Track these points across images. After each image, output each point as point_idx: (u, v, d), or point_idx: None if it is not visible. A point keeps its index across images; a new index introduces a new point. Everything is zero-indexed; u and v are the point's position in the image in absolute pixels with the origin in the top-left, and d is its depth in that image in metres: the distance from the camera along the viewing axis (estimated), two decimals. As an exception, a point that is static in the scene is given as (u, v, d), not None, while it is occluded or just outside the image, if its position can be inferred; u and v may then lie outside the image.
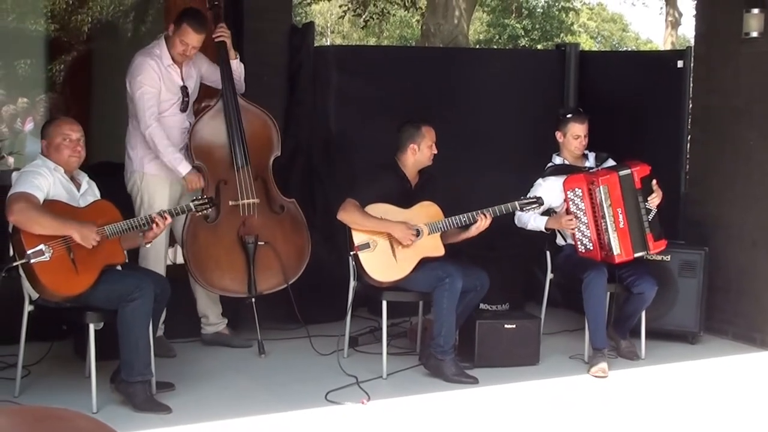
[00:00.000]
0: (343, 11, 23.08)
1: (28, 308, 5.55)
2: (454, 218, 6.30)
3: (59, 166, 5.55)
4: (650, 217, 6.64)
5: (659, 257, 7.09)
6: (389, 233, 6.21)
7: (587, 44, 33.52)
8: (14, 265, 5.29)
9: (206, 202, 5.87)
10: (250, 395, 5.91)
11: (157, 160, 6.48)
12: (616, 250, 6.56)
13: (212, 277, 6.62)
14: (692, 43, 8.11)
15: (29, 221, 5.23)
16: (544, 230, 6.79)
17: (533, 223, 6.75)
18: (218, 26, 6.67)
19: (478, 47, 26.41)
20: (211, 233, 6.59)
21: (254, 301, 6.62)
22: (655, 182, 6.66)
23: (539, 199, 6.42)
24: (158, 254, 6.53)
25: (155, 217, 5.61)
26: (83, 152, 5.66)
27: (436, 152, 6.47)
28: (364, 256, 6.21)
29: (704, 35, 7.77)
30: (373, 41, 30.39)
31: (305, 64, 7.82)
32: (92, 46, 10.30)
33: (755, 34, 7.18)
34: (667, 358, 6.89)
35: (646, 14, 79.75)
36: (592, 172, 6.76)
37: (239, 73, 6.70)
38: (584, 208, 6.63)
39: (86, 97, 9.71)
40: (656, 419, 5.71)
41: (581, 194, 6.63)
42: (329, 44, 29.50)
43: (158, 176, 6.53)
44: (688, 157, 7.84)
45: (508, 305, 7.74)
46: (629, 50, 32.71)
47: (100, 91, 9.64)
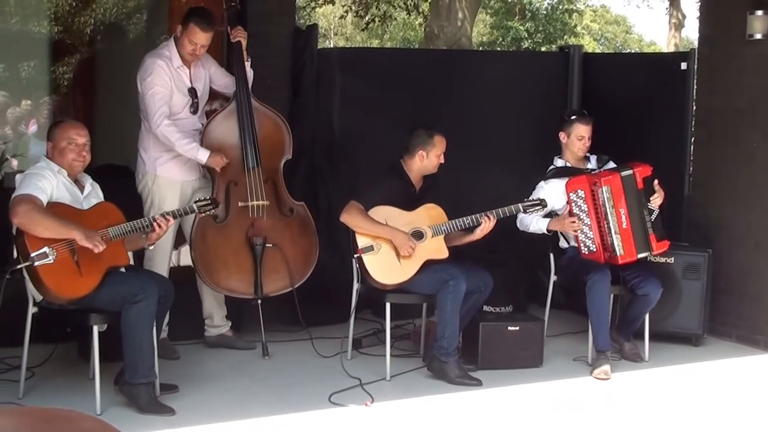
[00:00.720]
0: (344, 11, 23.10)
1: (32, 310, 5.55)
2: (457, 220, 6.31)
3: (63, 168, 5.55)
4: (653, 217, 6.64)
5: (663, 259, 7.09)
6: (390, 239, 6.21)
7: (591, 46, 33.48)
8: (18, 267, 5.28)
9: (209, 203, 5.89)
10: (253, 397, 5.92)
11: (169, 162, 6.51)
12: (619, 251, 6.56)
13: (219, 277, 6.63)
14: (696, 44, 8.10)
15: (33, 224, 5.23)
16: (546, 232, 6.79)
17: (535, 225, 6.75)
18: (236, 27, 6.69)
19: (481, 49, 26.40)
20: (219, 233, 6.60)
21: (260, 302, 6.62)
22: (656, 182, 6.66)
23: (543, 201, 6.42)
24: (163, 256, 6.54)
25: (157, 218, 5.62)
26: (88, 157, 5.66)
27: (443, 162, 6.47)
28: (367, 258, 6.21)
29: (708, 37, 7.77)
30: (376, 44, 30.39)
31: (309, 66, 7.82)
32: (96, 48, 10.29)
33: (759, 35, 7.19)
34: (670, 360, 6.89)
35: (649, 16, 79.83)
36: (594, 173, 6.77)
37: (249, 77, 6.71)
38: (587, 209, 6.63)
39: (90, 99, 9.71)
40: (660, 422, 5.71)
41: (584, 196, 6.64)
42: (332, 46, 29.51)
43: (170, 179, 6.55)
44: (691, 158, 7.84)
45: (511, 307, 7.73)
46: (633, 52, 32.71)
47: (103, 93, 9.63)
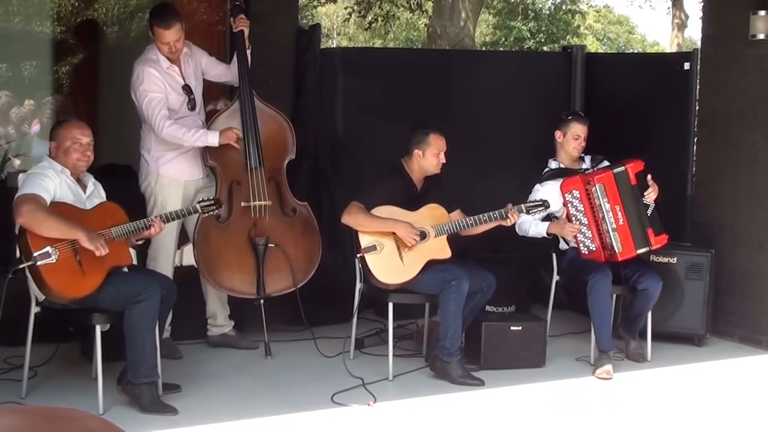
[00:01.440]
0: (348, 12, 23.08)
1: (34, 310, 5.56)
2: (460, 220, 6.31)
3: (66, 168, 5.55)
4: (649, 212, 6.66)
5: (665, 259, 7.10)
6: (394, 233, 6.21)
7: (593, 46, 33.46)
8: (21, 267, 5.29)
9: (212, 203, 5.90)
10: (256, 397, 5.92)
11: (171, 162, 6.51)
12: (618, 248, 6.57)
13: (221, 276, 6.63)
14: (699, 45, 8.10)
15: (38, 223, 5.24)
16: (546, 236, 6.79)
17: (534, 229, 6.75)
18: (238, 17, 6.69)
19: (484, 49, 26.39)
20: (222, 233, 6.60)
21: (262, 302, 6.62)
22: (650, 177, 6.67)
23: (545, 201, 6.42)
24: (167, 256, 6.55)
25: (154, 220, 5.61)
26: (92, 156, 5.67)
27: (444, 161, 6.46)
28: (370, 258, 6.21)
29: (711, 37, 7.76)
30: (379, 44, 30.39)
31: (311, 66, 7.82)
32: (98, 47, 10.30)
33: (762, 36, 7.18)
34: (673, 360, 6.89)
35: (652, 16, 79.75)
36: (587, 172, 6.78)
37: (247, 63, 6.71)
38: (583, 209, 6.64)
39: (92, 99, 9.72)
40: (662, 422, 5.71)
41: (579, 196, 6.65)
42: (335, 46, 29.50)
43: (173, 178, 6.55)
44: (694, 159, 7.83)
45: (514, 307, 7.74)
46: (636, 52, 32.69)
47: (105, 93, 9.64)
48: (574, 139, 6.88)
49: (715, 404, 6.04)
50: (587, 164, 6.94)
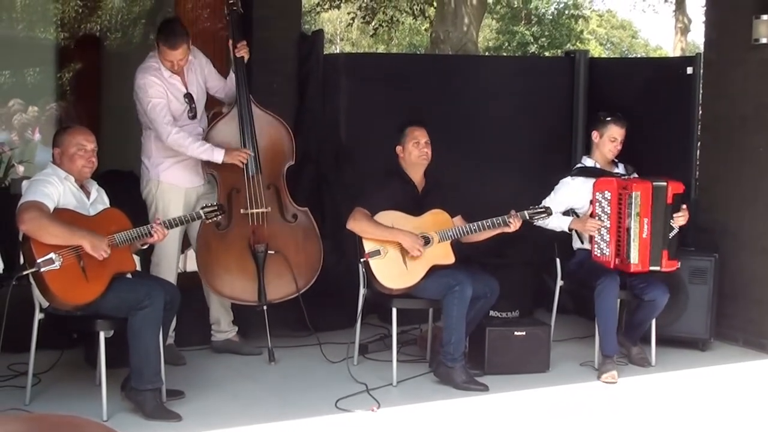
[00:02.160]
0: (351, 18, 23.10)
1: (38, 316, 5.56)
2: (463, 226, 6.31)
3: (70, 174, 5.56)
4: (671, 234, 6.63)
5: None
6: (398, 242, 6.21)
7: (597, 51, 33.47)
8: (24, 273, 5.30)
9: (215, 209, 5.89)
10: (260, 403, 5.91)
11: (172, 168, 6.51)
12: (634, 259, 6.55)
13: (223, 284, 6.64)
14: (702, 49, 8.09)
15: (40, 230, 5.24)
16: (566, 230, 6.79)
17: (556, 222, 6.73)
18: (239, 43, 6.68)
19: (487, 54, 26.41)
20: (222, 241, 6.60)
21: (265, 309, 6.62)
22: (685, 206, 6.66)
23: (548, 209, 6.41)
24: (171, 262, 6.55)
25: (155, 227, 5.61)
26: (96, 162, 5.68)
27: (428, 150, 6.48)
28: (374, 263, 6.22)
29: (714, 42, 7.76)
30: (382, 49, 30.40)
31: (314, 71, 7.83)
32: (102, 53, 10.32)
33: (764, 40, 7.18)
34: (677, 364, 6.88)
35: (655, 20, 79.68)
36: (625, 178, 6.76)
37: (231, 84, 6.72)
38: (610, 211, 6.62)
39: (95, 105, 9.73)
40: (667, 426, 5.71)
41: (610, 198, 6.63)
42: (338, 52, 29.52)
43: (174, 185, 6.55)
44: (697, 163, 7.82)
45: (518, 312, 7.71)
46: (639, 57, 32.69)
47: (108, 99, 9.66)
48: (610, 141, 6.86)
49: (719, 409, 6.03)
50: (621, 170, 6.93)
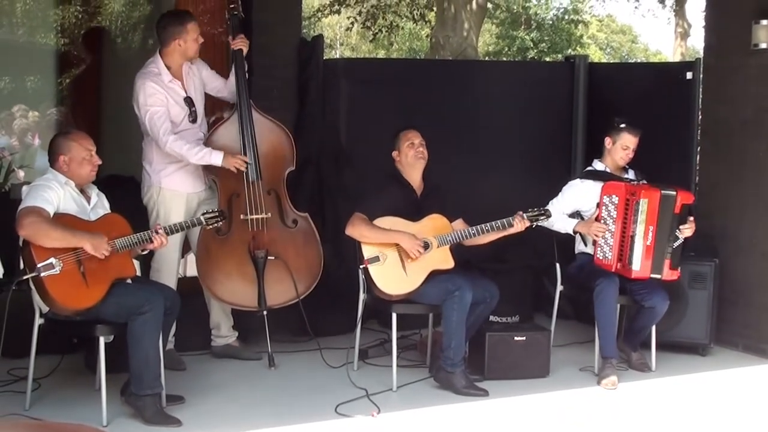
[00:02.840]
0: (351, 22, 23.11)
1: (38, 321, 5.55)
2: (463, 230, 6.31)
3: (70, 180, 5.56)
4: (676, 244, 6.61)
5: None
6: (398, 244, 6.21)
7: (596, 56, 33.48)
8: (24, 278, 5.30)
9: (217, 215, 5.89)
10: (260, 408, 5.91)
11: (173, 174, 6.52)
12: (636, 265, 6.54)
13: (223, 290, 6.64)
14: (701, 54, 8.10)
15: (39, 234, 5.24)
16: (571, 233, 6.79)
17: (561, 224, 6.74)
18: (238, 35, 6.70)
19: (487, 59, 26.41)
20: (222, 246, 6.60)
21: (265, 314, 6.62)
22: (692, 218, 6.65)
23: (546, 211, 6.40)
24: (171, 268, 6.55)
25: (157, 233, 5.61)
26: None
27: (421, 149, 6.49)
28: (374, 269, 6.22)
29: (713, 46, 7.77)
30: (382, 54, 30.41)
31: (314, 76, 7.84)
32: (102, 59, 10.32)
33: (764, 45, 7.20)
34: (677, 370, 6.88)
35: (655, 25, 79.79)
36: (634, 184, 6.76)
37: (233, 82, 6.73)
38: (616, 216, 6.61)
39: (96, 110, 9.74)
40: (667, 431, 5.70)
41: (617, 202, 6.62)
42: (338, 57, 29.54)
43: (175, 190, 6.56)
44: (697, 168, 7.83)
45: (518, 317, 7.73)
46: (638, 62, 32.70)
47: (109, 104, 9.66)
48: (622, 149, 6.85)
49: (720, 414, 6.03)
50: (631, 176, 6.93)
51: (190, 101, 6.54)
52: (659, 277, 6.60)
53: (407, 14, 22.21)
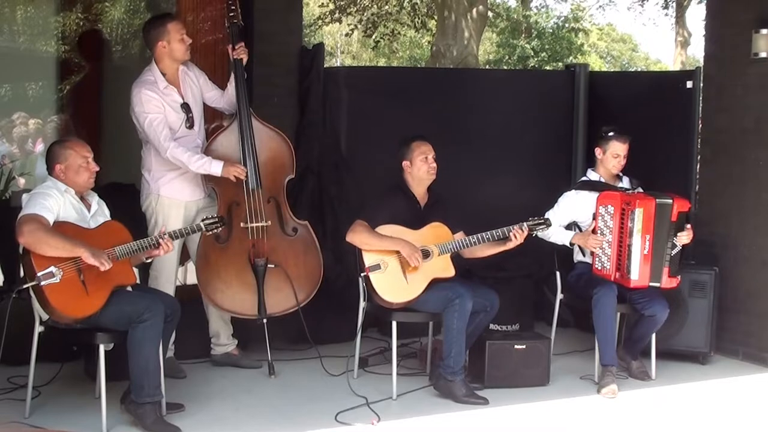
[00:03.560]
0: (351, 30, 23.16)
1: (38, 329, 5.55)
2: (463, 239, 6.31)
3: (70, 187, 5.56)
4: (673, 252, 6.61)
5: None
6: (398, 252, 6.21)
7: (597, 64, 33.53)
8: (24, 287, 5.30)
9: (216, 222, 5.89)
10: (260, 416, 5.90)
11: (172, 182, 6.51)
12: (634, 274, 6.53)
13: (223, 298, 6.63)
14: (702, 63, 8.11)
15: (39, 243, 5.24)
16: (568, 245, 6.79)
17: (557, 237, 6.74)
18: (238, 44, 6.70)
19: (487, 68, 26.45)
20: (221, 254, 6.60)
21: (265, 322, 6.62)
22: (689, 225, 6.64)
23: (546, 220, 6.40)
24: (169, 275, 6.54)
25: (163, 239, 5.61)
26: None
27: (434, 165, 6.47)
28: (374, 277, 6.22)
29: (713, 55, 7.78)
30: (383, 62, 30.44)
31: (315, 85, 7.84)
32: (103, 66, 10.33)
33: (764, 54, 7.20)
34: (677, 378, 6.88)
35: (656, 34, 79.89)
36: (629, 193, 6.75)
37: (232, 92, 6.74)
38: (612, 226, 6.61)
39: (96, 118, 9.74)
40: (667, 440, 5.71)
41: (612, 212, 6.61)
42: (339, 65, 29.57)
43: (173, 198, 6.55)
44: (697, 177, 7.83)
45: (518, 326, 7.73)
46: (638, 70, 32.74)
47: (110, 111, 9.66)
48: (613, 157, 6.85)
49: (720, 423, 6.03)
50: (625, 184, 6.93)
51: (187, 107, 6.54)
52: (658, 285, 6.60)
53: (408, 22, 22.27)
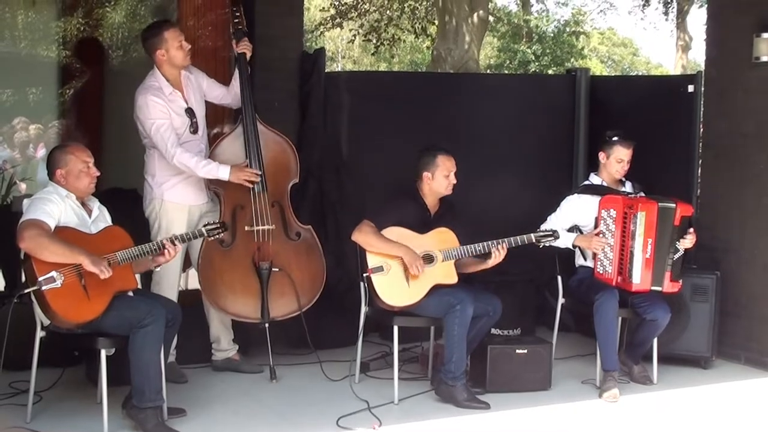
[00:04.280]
0: (352, 36, 23.17)
1: (39, 334, 5.55)
2: (468, 247, 6.29)
3: (71, 193, 5.56)
4: (676, 256, 6.60)
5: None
6: (400, 257, 6.21)
7: (598, 68, 33.57)
8: (26, 291, 5.29)
9: (218, 227, 5.89)
10: (261, 420, 5.90)
11: (176, 187, 6.51)
12: (636, 278, 6.52)
13: (225, 301, 6.63)
14: (703, 67, 8.11)
15: (40, 248, 5.23)
16: (571, 247, 6.78)
17: (560, 240, 6.72)
18: (242, 40, 6.71)
19: (488, 72, 26.45)
20: (225, 258, 6.60)
21: (267, 326, 6.62)
22: (692, 229, 6.64)
23: (555, 232, 6.39)
24: (172, 280, 6.53)
25: (166, 244, 5.62)
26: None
27: (455, 182, 6.45)
28: (377, 279, 6.21)
29: (715, 59, 7.78)
30: (384, 66, 30.46)
31: (316, 89, 7.84)
32: (104, 71, 10.35)
33: (765, 58, 7.20)
34: (679, 382, 6.87)
35: (657, 38, 79.93)
36: (632, 197, 6.74)
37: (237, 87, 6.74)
38: (614, 229, 6.60)
39: (97, 123, 9.75)
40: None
41: (615, 216, 6.61)
42: (340, 69, 29.58)
43: (177, 203, 6.55)
44: (699, 181, 7.83)
45: (519, 330, 7.73)
46: (640, 75, 32.76)
47: (111, 116, 9.67)
48: (617, 162, 6.83)
49: (721, 427, 6.03)
50: (628, 189, 6.91)
51: (191, 112, 6.55)
52: (660, 289, 6.59)
53: (409, 27, 22.27)
